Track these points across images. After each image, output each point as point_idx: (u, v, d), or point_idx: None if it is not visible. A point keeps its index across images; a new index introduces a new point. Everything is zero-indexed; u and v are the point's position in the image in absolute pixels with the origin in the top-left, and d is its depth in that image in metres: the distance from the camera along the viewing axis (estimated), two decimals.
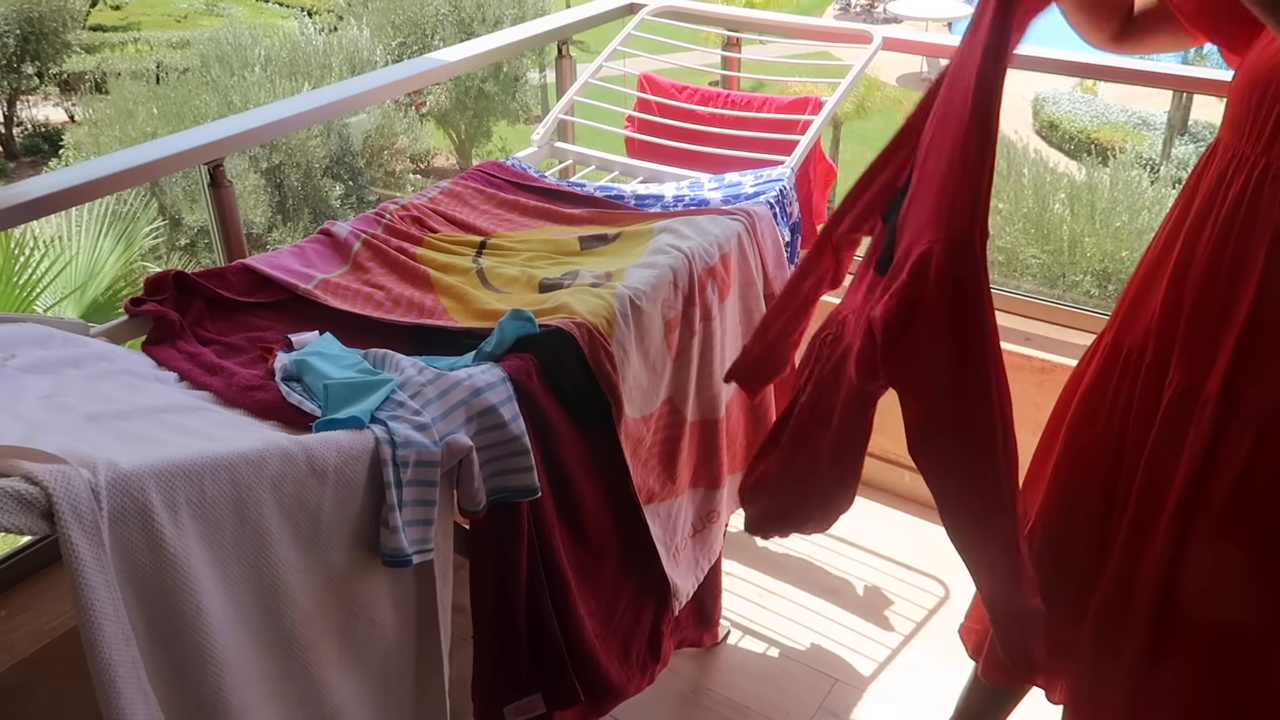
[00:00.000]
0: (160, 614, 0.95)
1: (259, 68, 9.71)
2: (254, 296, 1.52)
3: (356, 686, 1.20)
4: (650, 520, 1.58)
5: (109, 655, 0.88)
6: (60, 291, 4.31)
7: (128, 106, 9.37)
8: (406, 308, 1.52)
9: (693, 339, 1.61)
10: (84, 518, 0.87)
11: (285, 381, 1.28)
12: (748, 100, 2.16)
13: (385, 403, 1.19)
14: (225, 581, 1.01)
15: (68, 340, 1.28)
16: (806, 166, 1.99)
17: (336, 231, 1.65)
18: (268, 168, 9.06)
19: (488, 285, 1.58)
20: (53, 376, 1.17)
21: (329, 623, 1.13)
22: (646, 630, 1.65)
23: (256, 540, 1.03)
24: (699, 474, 1.73)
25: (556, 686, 1.42)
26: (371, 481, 1.12)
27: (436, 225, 1.72)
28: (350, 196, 9.45)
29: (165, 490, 0.94)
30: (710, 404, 1.68)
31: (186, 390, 1.30)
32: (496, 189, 1.85)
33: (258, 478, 1.01)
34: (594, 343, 1.40)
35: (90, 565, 0.87)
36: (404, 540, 1.13)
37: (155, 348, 1.39)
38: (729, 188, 1.82)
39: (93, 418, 1.04)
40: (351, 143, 9.56)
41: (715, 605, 1.94)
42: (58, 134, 11.14)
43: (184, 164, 1.71)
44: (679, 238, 1.62)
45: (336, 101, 1.95)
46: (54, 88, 12.84)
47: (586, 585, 1.48)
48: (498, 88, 10.88)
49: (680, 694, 1.96)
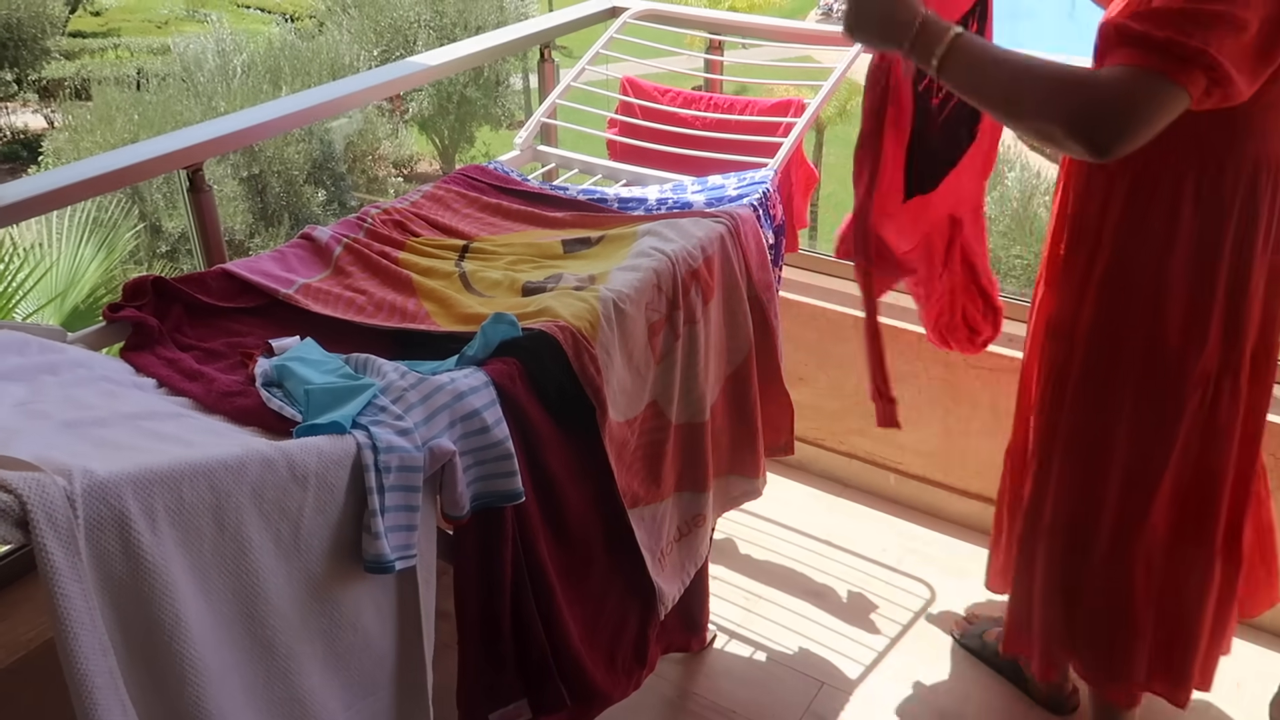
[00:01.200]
0: (138, 623, 0.94)
1: (241, 73, 9.66)
2: (234, 302, 1.50)
3: (340, 695, 1.19)
4: (635, 524, 1.57)
5: (86, 666, 0.87)
6: (40, 299, 4.27)
7: (108, 113, 9.31)
8: (389, 312, 1.51)
9: (676, 342, 1.60)
10: (59, 526, 0.86)
11: (265, 387, 1.27)
12: (730, 103, 2.16)
13: (367, 408, 1.18)
14: (204, 589, 1.00)
15: (44, 347, 1.26)
16: (788, 170, 1.99)
17: (317, 236, 1.64)
18: (248, 175, 9.02)
19: (470, 289, 1.57)
20: (28, 384, 1.16)
21: (311, 630, 1.12)
22: (632, 635, 1.64)
23: (236, 547, 1.01)
24: (684, 478, 1.72)
25: (542, 692, 1.41)
26: (353, 487, 1.11)
27: (419, 229, 1.71)
28: (332, 203, 9.41)
29: (143, 497, 0.92)
30: (695, 407, 1.68)
31: (165, 396, 1.29)
32: (479, 193, 1.84)
33: (237, 484, 1.00)
34: (577, 346, 1.39)
35: (66, 574, 0.86)
36: (386, 546, 1.12)
37: (134, 354, 1.38)
38: (712, 190, 1.82)
39: (69, 425, 1.03)
40: (333, 148, 9.52)
41: (702, 610, 1.94)
42: (37, 140, 11.06)
43: (163, 168, 1.69)
44: (662, 240, 1.62)
45: (317, 105, 1.94)
46: (33, 94, 12.74)
47: (572, 590, 1.47)
48: (480, 93, 10.87)
49: (666, 699, 1.96)
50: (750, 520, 2.38)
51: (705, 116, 2.12)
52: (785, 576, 2.24)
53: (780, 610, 2.15)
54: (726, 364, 1.77)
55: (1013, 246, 7.83)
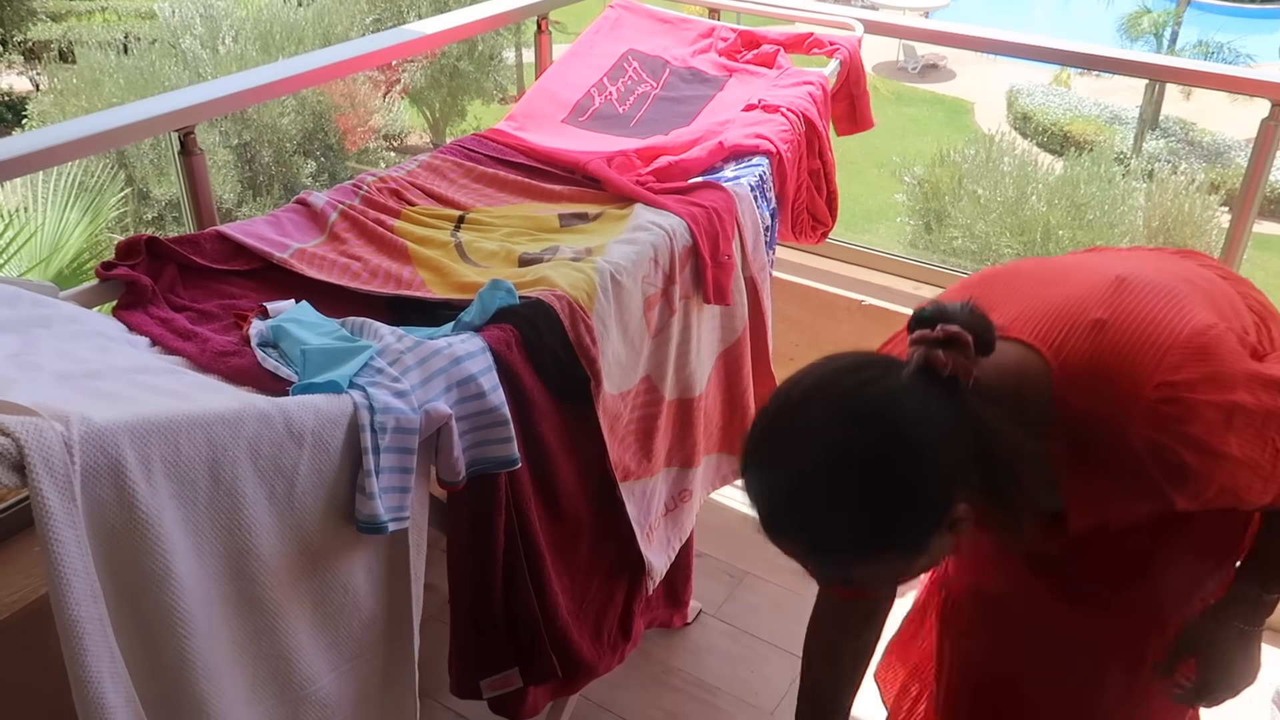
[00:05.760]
0: (129, 573, 0.94)
1: (230, 40, 9.54)
2: (228, 264, 1.49)
3: (326, 655, 1.19)
4: (626, 498, 1.58)
5: (77, 611, 0.87)
6: (25, 263, 4.22)
7: (94, 76, 9.18)
8: (384, 279, 1.50)
9: (672, 317, 1.60)
10: (56, 471, 0.85)
11: (261, 347, 1.26)
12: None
13: (364, 369, 1.18)
14: (196, 543, 0.99)
15: (36, 301, 1.25)
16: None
17: (313, 201, 1.63)
18: (238, 143, 8.93)
19: (466, 259, 1.56)
20: (21, 336, 1.14)
21: (301, 587, 1.12)
22: (619, 609, 1.65)
23: (230, 502, 1.01)
24: (674, 453, 1.73)
25: (533, 661, 1.41)
26: (349, 447, 1.11)
27: (414, 198, 1.71)
28: (322, 174, 9.33)
29: (140, 447, 0.92)
30: (688, 383, 1.68)
31: (159, 354, 1.28)
32: (475, 163, 1.83)
33: (234, 438, 1.00)
34: (574, 316, 1.39)
35: (61, 520, 0.85)
36: (380, 507, 1.12)
37: (127, 313, 1.37)
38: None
39: (63, 376, 1.02)
40: (324, 119, 9.44)
41: (686, 586, 1.95)
42: (22, 103, 10.89)
43: (155, 130, 1.67)
44: (660, 215, 1.61)
45: (310, 71, 1.92)
46: (18, 56, 12.56)
47: (561, 562, 1.48)
48: (473, 66, 10.78)
49: (650, 674, 1.97)
50: (737, 496, 2.39)
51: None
52: (768, 554, 2.24)
53: (764, 587, 2.16)
54: (720, 342, 1.77)
55: (1003, 234, 7.85)
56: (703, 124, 1.93)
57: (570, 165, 1.79)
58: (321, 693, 1.19)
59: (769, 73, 2.06)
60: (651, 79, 2.06)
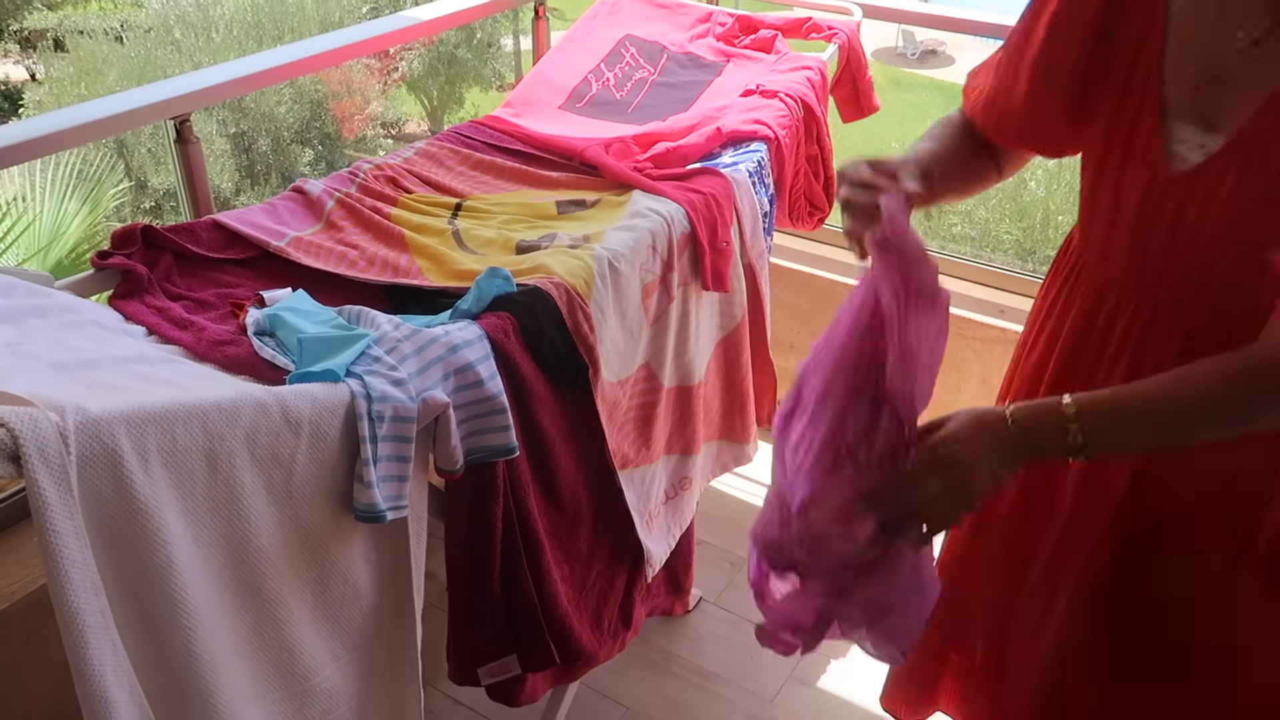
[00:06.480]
0: (129, 564, 0.93)
1: (223, 28, 9.50)
2: (224, 253, 1.49)
3: (329, 645, 1.19)
4: (625, 486, 1.58)
5: (77, 604, 0.86)
6: (23, 253, 4.21)
7: (90, 65, 9.15)
8: (381, 267, 1.50)
9: (670, 304, 1.60)
10: (52, 461, 0.85)
11: (258, 336, 1.26)
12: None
13: (361, 358, 1.17)
14: (196, 533, 0.99)
15: (31, 290, 1.24)
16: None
17: (309, 189, 1.62)
18: (235, 132, 8.90)
19: (463, 247, 1.56)
20: (15, 325, 1.14)
21: (301, 578, 1.12)
22: (619, 597, 1.65)
23: (228, 491, 1.01)
24: (673, 440, 1.73)
25: (531, 649, 1.41)
26: (346, 436, 1.11)
27: (411, 186, 1.70)
28: (320, 162, 9.30)
29: (136, 437, 0.91)
30: (687, 370, 1.68)
31: (156, 344, 1.28)
32: (473, 150, 1.82)
33: (231, 428, 0.99)
34: (572, 303, 1.38)
35: (58, 511, 0.85)
36: (378, 496, 1.12)
37: (122, 302, 1.36)
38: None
39: (59, 366, 1.02)
40: (321, 107, 9.40)
41: (687, 574, 1.95)
42: (18, 92, 10.84)
43: (151, 118, 1.66)
44: (658, 202, 1.61)
45: (307, 58, 1.91)
46: (14, 45, 12.51)
47: (560, 550, 1.48)
48: (471, 53, 10.73)
49: (650, 661, 1.97)
50: (737, 484, 2.39)
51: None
52: None
53: None
54: (719, 329, 1.77)
55: (1003, 221, 7.83)
56: (701, 110, 1.92)
57: (568, 152, 1.78)
58: (326, 684, 1.19)
59: (767, 58, 2.05)
60: (649, 64, 2.05)
